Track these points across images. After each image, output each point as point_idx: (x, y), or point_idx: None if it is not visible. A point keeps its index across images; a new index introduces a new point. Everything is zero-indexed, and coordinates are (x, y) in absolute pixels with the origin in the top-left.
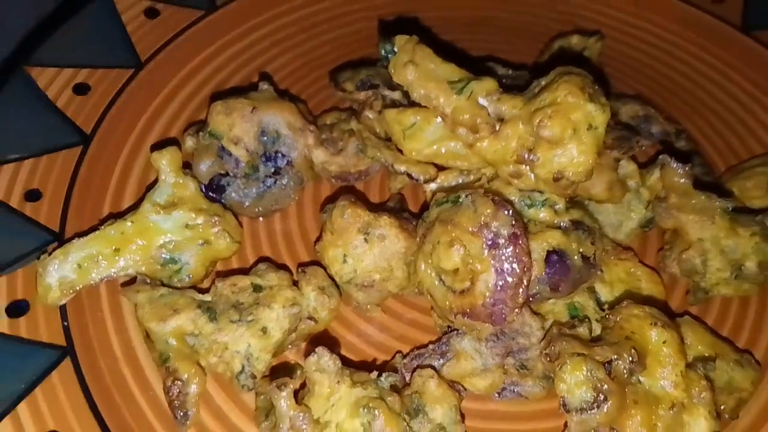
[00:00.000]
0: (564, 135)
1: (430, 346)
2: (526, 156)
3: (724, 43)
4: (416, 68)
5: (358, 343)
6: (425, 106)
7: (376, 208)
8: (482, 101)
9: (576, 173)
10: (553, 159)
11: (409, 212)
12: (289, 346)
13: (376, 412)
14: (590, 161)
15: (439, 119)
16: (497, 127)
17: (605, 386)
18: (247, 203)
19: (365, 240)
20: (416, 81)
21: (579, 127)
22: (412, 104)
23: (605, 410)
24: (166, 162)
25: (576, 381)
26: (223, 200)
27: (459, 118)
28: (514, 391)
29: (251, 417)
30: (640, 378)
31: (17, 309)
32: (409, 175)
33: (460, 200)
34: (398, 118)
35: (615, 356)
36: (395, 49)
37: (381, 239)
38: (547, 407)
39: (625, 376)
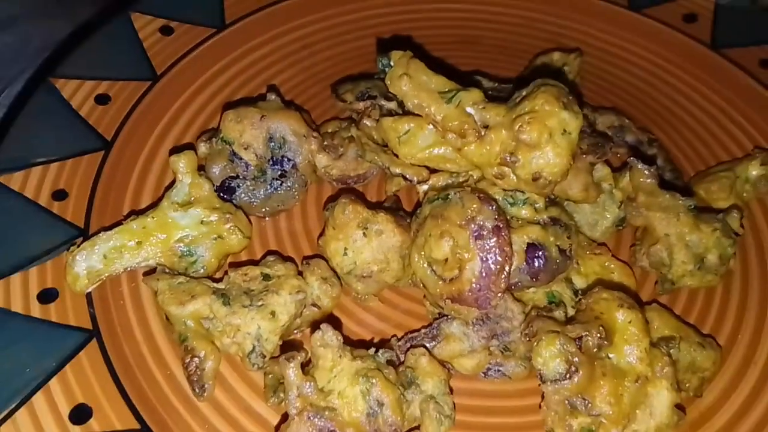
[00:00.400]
0: (541, 139)
1: (422, 330)
2: (508, 158)
3: (694, 60)
4: (410, 80)
5: (357, 330)
6: (418, 115)
7: (374, 207)
8: (469, 110)
9: (552, 173)
10: (531, 161)
11: (404, 211)
12: (295, 331)
13: (374, 380)
14: (565, 162)
15: (431, 126)
16: (482, 133)
17: (576, 359)
18: (255, 203)
19: (364, 234)
20: (410, 91)
21: (554, 133)
22: (407, 113)
23: (576, 381)
24: (183, 164)
25: (550, 354)
26: (233, 201)
27: (448, 125)
28: (498, 371)
29: (260, 394)
30: (609, 354)
31: (47, 296)
32: (404, 177)
33: (450, 197)
34: (394, 125)
35: (585, 333)
36: (391, 63)
37: (379, 234)
38: (529, 386)
39: (594, 350)
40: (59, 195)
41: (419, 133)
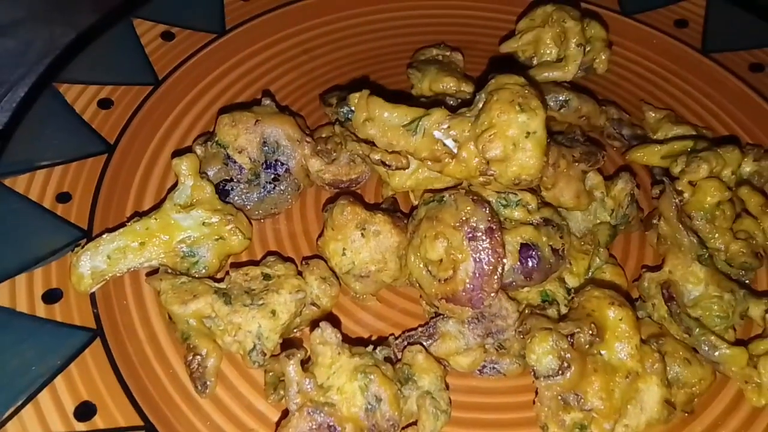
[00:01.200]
0: (507, 152)
1: (419, 329)
2: (487, 171)
3: (685, 64)
4: (373, 123)
5: (356, 329)
6: None
7: (372, 208)
8: (437, 134)
9: (529, 175)
10: (507, 171)
11: (401, 212)
12: (295, 330)
13: (372, 376)
14: (538, 163)
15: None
16: (455, 152)
17: (568, 355)
18: (248, 206)
19: (362, 235)
20: (377, 134)
21: (518, 141)
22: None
23: (568, 376)
24: (185, 167)
25: (543, 351)
26: (227, 203)
27: (420, 156)
28: (493, 368)
29: (261, 391)
30: (600, 351)
31: (52, 296)
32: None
33: (444, 199)
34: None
35: (577, 330)
36: (352, 109)
37: (376, 234)
38: (523, 383)
39: (586, 347)
40: (63, 197)
41: None
